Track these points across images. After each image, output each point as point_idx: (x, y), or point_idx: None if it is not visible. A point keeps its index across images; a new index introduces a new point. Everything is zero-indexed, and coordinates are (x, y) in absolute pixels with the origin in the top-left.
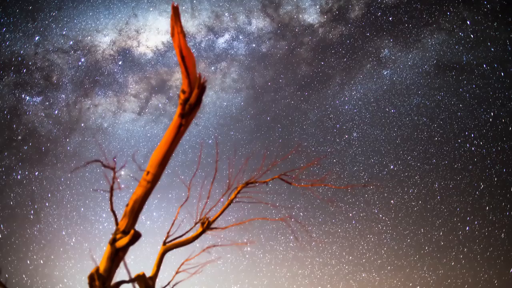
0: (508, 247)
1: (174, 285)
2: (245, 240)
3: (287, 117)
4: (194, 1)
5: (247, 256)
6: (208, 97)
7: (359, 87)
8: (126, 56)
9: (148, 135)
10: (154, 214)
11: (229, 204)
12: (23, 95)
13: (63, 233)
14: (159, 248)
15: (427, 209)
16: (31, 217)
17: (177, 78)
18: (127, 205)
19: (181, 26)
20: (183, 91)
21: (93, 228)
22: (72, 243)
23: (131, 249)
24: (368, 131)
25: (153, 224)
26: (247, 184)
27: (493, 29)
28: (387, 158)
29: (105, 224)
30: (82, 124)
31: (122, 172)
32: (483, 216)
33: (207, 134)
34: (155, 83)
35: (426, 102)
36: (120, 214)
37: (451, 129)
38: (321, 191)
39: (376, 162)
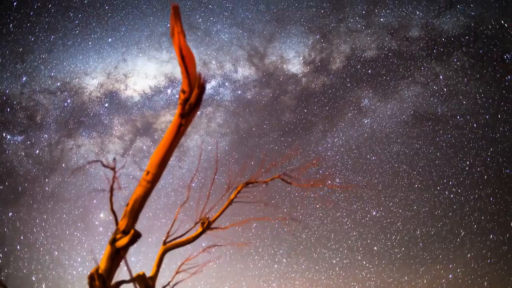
0: None
1: (174, 285)
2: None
3: (271, 162)
4: None
5: None
6: (193, 141)
7: (341, 134)
8: (112, 99)
9: (131, 176)
10: (133, 259)
11: (229, 204)
12: (4, 134)
13: (33, 278)
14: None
15: (410, 256)
16: None
17: (163, 121)
18: (127, 205)
19: (181, 26)
20: (183, 91)
21: (66, 273)
22: None
23: None
24: (350, 177)
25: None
26: (247, 184)
27: (464, 84)
28: (369, 204)
29: (79, 269)
30: (63, 165)
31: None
32: (466, 263)
33: (190, 177)
34: (140, 125)
35: (405, 150)
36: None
37: (430, 176)
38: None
39: (359, 208)
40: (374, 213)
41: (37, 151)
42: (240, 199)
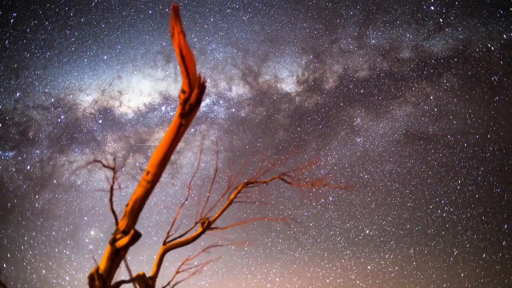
0: None
1: (174, 285)
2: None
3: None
4: (178, 67)
5: None
6: (186, 158)
7: (334, 153)
8: (106, 115)
9: (123, 193)
10: (122, 277)
11: (229, 204)
12: None
13: None
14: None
15: (404, 276)
16: None
17: (157, 139)
18: (127, 205)
19: (181, 26)
20: (183, 91)
21: None
22: None
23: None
24: (343, 195)
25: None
26: (247, 184)
27: (454, 104)
28: (362, 222)
29: None
30: (55, 181)
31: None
32: (459, 283)
33: (183, 194)
34: (134, 142)
35: (398, 168)
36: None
37: (423, 195)
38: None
39: (352, 226)
40: (367, 231)
41: (28, 167)
42: (240, 199)
